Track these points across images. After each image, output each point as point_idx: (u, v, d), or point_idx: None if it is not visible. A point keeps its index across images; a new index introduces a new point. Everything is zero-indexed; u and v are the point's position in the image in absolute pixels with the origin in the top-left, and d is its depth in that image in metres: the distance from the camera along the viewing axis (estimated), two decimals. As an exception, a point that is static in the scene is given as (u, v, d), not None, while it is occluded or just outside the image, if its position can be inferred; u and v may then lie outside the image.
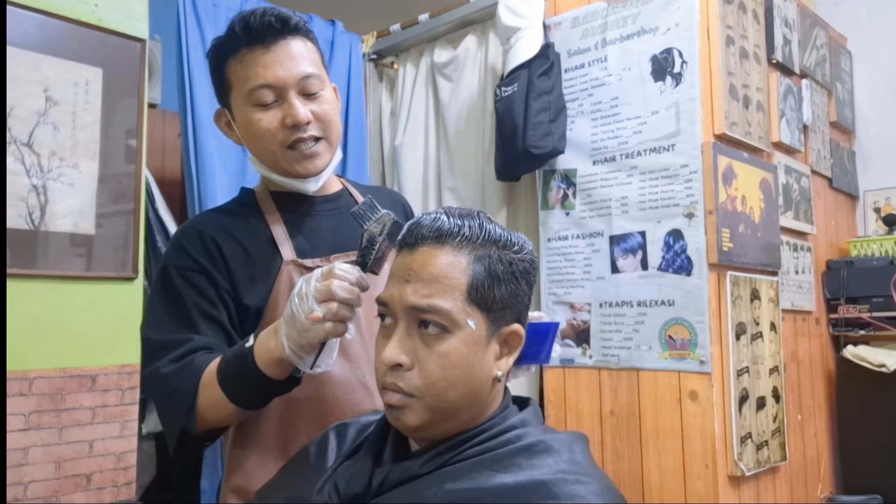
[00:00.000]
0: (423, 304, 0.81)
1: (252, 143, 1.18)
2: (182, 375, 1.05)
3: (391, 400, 0.82)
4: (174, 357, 1.07)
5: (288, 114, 1.13)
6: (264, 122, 1.14)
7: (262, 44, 1.13)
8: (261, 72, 1.12)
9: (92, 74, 1.97)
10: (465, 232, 0.84)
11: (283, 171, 1.18)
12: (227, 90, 1.18)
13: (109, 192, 1.99)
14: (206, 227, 1.17)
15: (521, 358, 1.04)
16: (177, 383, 1.05)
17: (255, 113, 1.14)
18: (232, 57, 1.15)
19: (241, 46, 1.14)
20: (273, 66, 1.13)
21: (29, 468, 1.77)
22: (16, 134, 1.82)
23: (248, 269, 1.15)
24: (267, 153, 1.16)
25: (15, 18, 1.83)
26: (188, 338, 1.09)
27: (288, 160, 1.16)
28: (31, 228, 1.84)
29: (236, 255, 1.15)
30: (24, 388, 1.78)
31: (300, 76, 1.14)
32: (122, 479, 1.94)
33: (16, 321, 1.76)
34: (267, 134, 1.14)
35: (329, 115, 1.17)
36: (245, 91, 1.14)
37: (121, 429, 1.95)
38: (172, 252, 1.16)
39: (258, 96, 1.13)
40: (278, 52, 1.13)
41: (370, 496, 0.83)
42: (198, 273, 1.12)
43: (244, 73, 1.14)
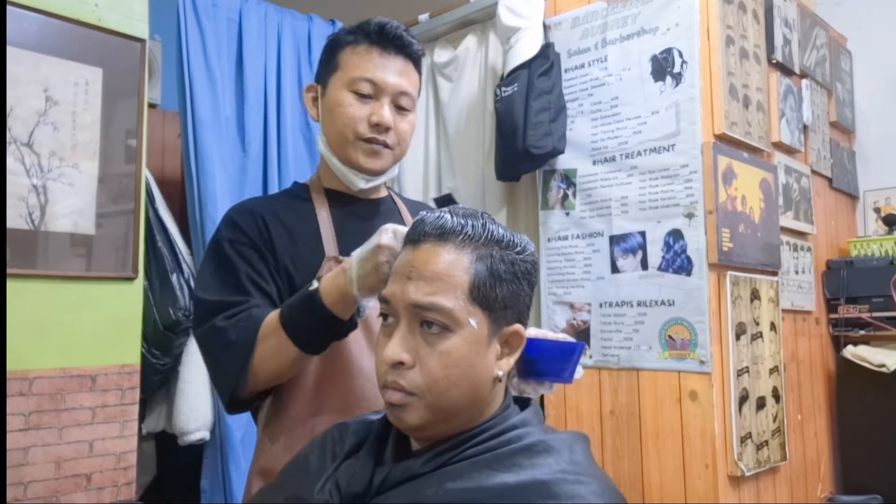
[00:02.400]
0: (425, 301, 0.81)
1: (331, 123, 1.26)
2: (239, 327, 1.11)
3: (392, 398, 0.83)
4: (229, 314, 1.13)
5: (376, 112, 1.23)
6: (353, 109, 1.23)
7: (383, 49, 1.26)
8: (371, 68, 1.24)
9: (92, 74, 1.97)
10: (467, 231, 0.84)
11: (345, 158, 1.26)
12: (332, 70, 1.27)
13: (109, 192, 1.99)
14: (258, 208, 1.24)
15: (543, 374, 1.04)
16: (233, 335, 1.11)
17: (351, 98, 1.24)
18: (351, 45, 1.26)
19: (365, 41, 1.26)
20: (383, 69, 1.25)
21: (29, 468, 1.77)
22: (16, 134, 1.82)
23: (293, 255, 1.21)
24: (341, 136, 1.25)
25: (15, 18, 1.83)
26: (243, 300, 1.14)
27: (356, 149, 1.25)
28: (31, 228, 1.84)
29: (283, 240, 1.21)
30: (24, 388, 1.78)
31: (399, 89, 1.26)
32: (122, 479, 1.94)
33: (16, 321, 1.76)
34: (351, 120, 1.23)
35: (406, 133, 1.29)
36: (349, 77, 1.24)
37: (121, 429, 1.95)
38: (225, 227, 1.23)
39: (359, 86, 1.23)
40: (394, 62, 1.26)
41: (371, 495, 0.83)
42: (249, 248, 1.19)
43: (357, 62, 1.25)
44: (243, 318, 1.12)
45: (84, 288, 1.91)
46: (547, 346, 1.11)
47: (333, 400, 1.16)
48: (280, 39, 2.59)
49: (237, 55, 2.49)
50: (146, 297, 2.17)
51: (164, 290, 2.25)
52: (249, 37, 2.50)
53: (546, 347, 1.11)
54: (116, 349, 1.96)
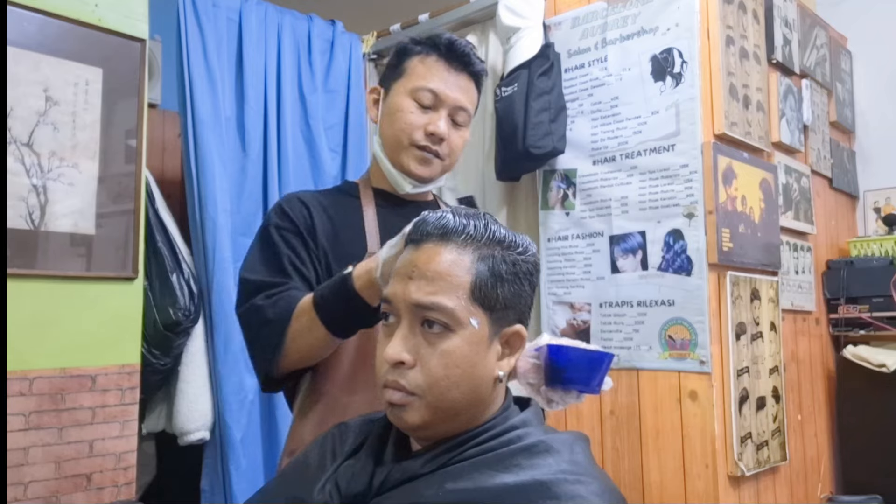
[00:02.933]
0: (427, 301, 0.81)
1: (390, 127, 1.32)
2: (277, 306, 1.18)
3: (392, 398, 0.82)
4: (269, 294, 1.20)
5: (433, 122, 1.30)
6: (413, 116, 1.30)
7: (449, 63, 1.32)
8: (435, 79, 1.30)
9: (92, 74, 1.97)
10: (469, 231, 0.84)
11: (397, 162, 1.33)
12: (397, 76, 1.34)
13: (109, 192, 1.99)
14: (307, 199, 1.32)
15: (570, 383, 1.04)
16: (271, 313, 1.17)
17: (411, 105, 1.30)
18: (420, 56, 1.32)
19: (434, 54, 1.32)
20: (446, 82, 1.31)
21: (29, 468, 1.77)
22: (16, 134, 1.82)
23: (334, 248, 1.28)
24: (396, 141, 1.31)
25: (15, 18, 1.83)
26: (283, 282, 1.21)
27: (409, 156, 1.31)
28: (31, 228, 1.84)
29: (326, 231, 1.28)
30: (24, 388, 1.78)
31: (459, 104, 1.32)
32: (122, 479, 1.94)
33: (16, 321, 1.76)
34: (409, 127, 1.30)
35: (458, 147, 1.35)
36: (413, 85, 1.30)
37: (121, 429, 1.95)
38: (274, 214, 1.30)
39: (421, 95, 1.30)
40: (457, 78, 1.32)
41: (371, 496, 0.83)
42: (294, 234, 1.26)
43: (422, 72, 1.31)
44: (282, 298, 1.18)
45: (84, 288, 1.91)
46: (575, 355, 1.11)
47: (368, 383, 1.19)
48: (280, 39, 2.59)
49: (237, 55, 2.49)
50: (146, 297, 2.16)
51: (164, 290, 2.24)
52: (249, 37, 2.49)
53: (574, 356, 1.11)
54: (116, 349, 1.96)
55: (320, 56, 2.70)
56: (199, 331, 2.31)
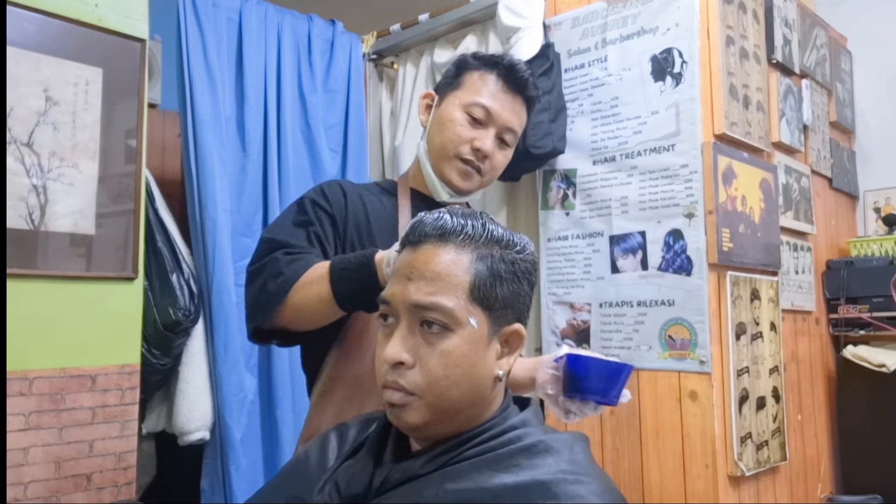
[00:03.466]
0: (426, 301, 0.81)
1: (438, 136, 1.36)
2: (293, 262, 1.20)
3: (392, 398, 0.83)
4: (289, 252, 1.23)
5: (480, 138, 1.33)
6: (462, 129, 1.33)
7: (507, 85, 1.35)
8: (490, 97, 1.34)
9: (92, 74, 1.97)
10: (468, 231, 0.84)
11: (439, 171, 1.36)
12: (454, 87, 1.37)
13: (109, 192, 1.99)
14: (346, 186, 1.35)
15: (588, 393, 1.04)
16: (286, 268, 1.20)
17: (462, 118, 1.34)
18: (479, 71, 1.36)
19: (494, 73, 1.35)
20: (502, 103, 1.34)
21: (29, 468, 1.77)
22: (16, 134, 1.82)
23: (362, 236, 1.31)
24: (442, 150, 1.35)
25: (15, 18, 1.83)
26: (305, 246, 1.25)
27: (451, 167, 1.35)
28: (31, 228, 1.84)
29: (359, 222, 1.31)
30: (24, 388, 1.78)
31: (508, 125, 1.35)
32: (122, 479, 1.94)
33: (16, 321, 1.76)
34: (456, 138, 1.33)
35: (500, 165, 1.39)
36: (469, 99, 1.34)
37: (121, 429, 1.95)
38: (314, 191, 1.34)
39: (474, 110, 1.33)
40: (512, 100, 1.36)
41: (371, 496, 0.83)
42: (326, 214, 1.30)
43: (479, 88, 1.34)
44: (300, 258, 1.21)
45: (84, 288, 1.91)
46: (594, 365, 1.11)
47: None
48: (280, 39, 2.59)
49: (237, 55, 2.49)
50: (146, 297, 2.17)
51: (164, 290, 2.24)
52: (249, 37, 2.49)
53: (593, 366, 1.11)
54: (116, 349, 1.96)
55: (320, 56, 2.70)
56: (199, 331, 2.31)
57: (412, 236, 0.86)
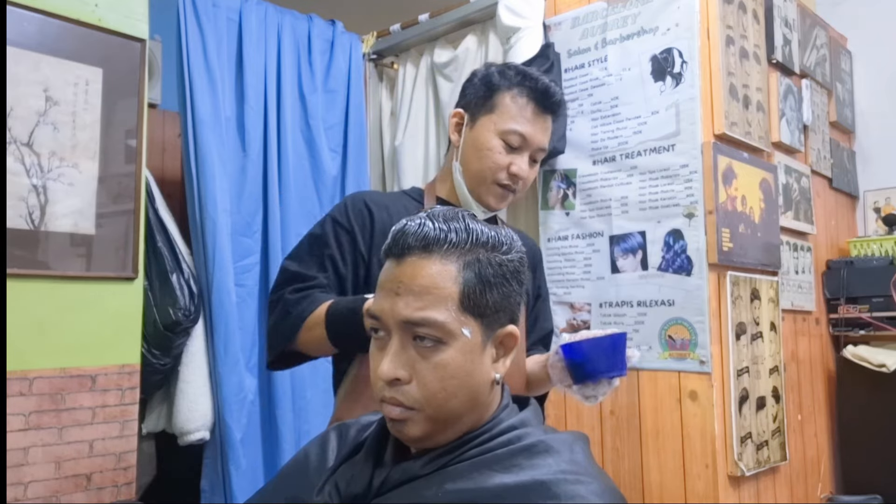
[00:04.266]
0: (417, 317, 0.79)
1: (475, 160, 1.36)
2: (300, 302, 1.27)
3: (392, 413, 0.82)
4: (298, 288, 1.30)
5: (516, 164, 1.34)
6: (499, 157, 1.34)
7: (540, 106, 1.35)
8: (526, 124, 1.34)
9: (92, 74, 1.97)
10: (451, 238, 0.81)
11: (476, 193, 1.38)
12: (487, 110, 1.36)
13: (109, 192, 1.99)
14: (370, 199, 1.38)
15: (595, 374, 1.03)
16: (294, 308, 1.27)
17: (499, 145, 1.34)
18: (512, 90, 1.35)
19: (525, 94, 1.34)
20: (534, 126, 1.35)
21: (29, 468, 1.77)
22: (16, 134, 1.82)
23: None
24: (480, 176, 1.36)
25: (15, 18, 1.83)
26: (314, 276, 1.31)
27: (489, 191, 1.37)
28: (31, 228, 1.84)
29: (383, 230, 1.32)
30: (24, 388, 1.78)
31: (541, 146, 1.37)
32: (122, 479, 1.94)
33: (16, 321, 1.76)
34: (494, 166, 1.34)
35: (531, 179, 1.40)
36: (505, 127, 1.34)
37: (121, 429, 1.95)
38: (338, 208, 1.38)
39: (512, 139, 1.34)
40: (544, 121, 1.37)
41: (371, 496, 0.83)
42: (346, 232, 1.33)
43: (514, 113, 1.34)
44: (306, 297, 1.27)
45: (84, 288, 1.91)
46: (589, 347, 1.10)
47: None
48: (280, 39, 2.59)
49: (237, 55, 2.49)
50: (146, 297, 2.16)
51: (164, 290, 2.24)
52: (249, 37, 2.49)
53: (588, 348, 1.10)
54: (116, 349, 1.96)
55: (320, 56, 2.70)
56: (199, 331, 2.31)
57: (395, 248, 0.83)
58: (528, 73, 1.37)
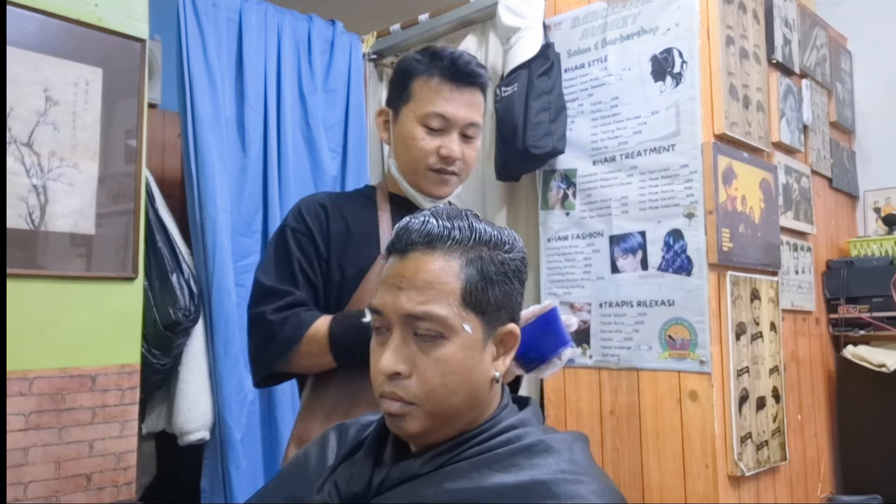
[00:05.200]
0: (419, 311, 0.80)
1: (404, 153, 1.35)
2: (286, 325, 1.25)
3: (391, 408, 0.82)
4: (279, 307, 1.27)
5: (446, 146, 1.32)
6: (424, 143, 1.32)
7: (456, 83, 1.31)
8: (444, 104, 1.31)
9: (92, 74, 1.97)
10: (455, 235, 0.83)
11: (415, 185, 1.36)
12: (405, 100, 1.35)
13: (109, 192, 1.99)
14: (324, 200, 1.37)
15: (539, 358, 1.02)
16: (279, 331, 1.25)
17: (422, 132, 1.32)
18: (423, 76, 1.32)
19: (437, 74, 1.31)
20: (454, 103, 1.31)
21: (29, 468, 1.77)
22: (16, 134, 1.82)
23: (345, 246, 1.33)
24: (412, 166, 1.35)
25: (15, 18, 1.83)
26: (290, 291, 1.29)
27: (426, 179, 1.35)
28: (31, 228, 1.84)
29: (339, 230, 1.33)
30: (24, 388, 1.78)
31: (469, 121, 1.33)
32: (122, 479, 1.94)
33: (16, 321, 1.76)
34: (422, 153, 1.32)
35: (471, 159, 1.37)
36: (422, 111, 1.31)
37: (121, 429, 1.95)
38: (292, 216, 1.36)
39: (431, 121, 1.31)
40: (464, 95, 1.33)
41: (370, 495, 0.83)
42: (306, 237, 1.32)
43: (429, 96, 1.31)
44: (291, 317, 1.26)
45: (84, 288, 1.91)
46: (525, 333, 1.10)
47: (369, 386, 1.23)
48: (280, 39, 2.59)
49: (237, 55, 2.49)
50: (146, 297, 2.17)
51: (164, 290, 2.24)
52: (249, 37, 2.49)
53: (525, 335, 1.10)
54: (116, 349, 1.96)
55: (320, 56, 2.70)
56: (199, 331, 2.31)
57: (399, 244, 0.84)
58: (437, 51, 1.34)
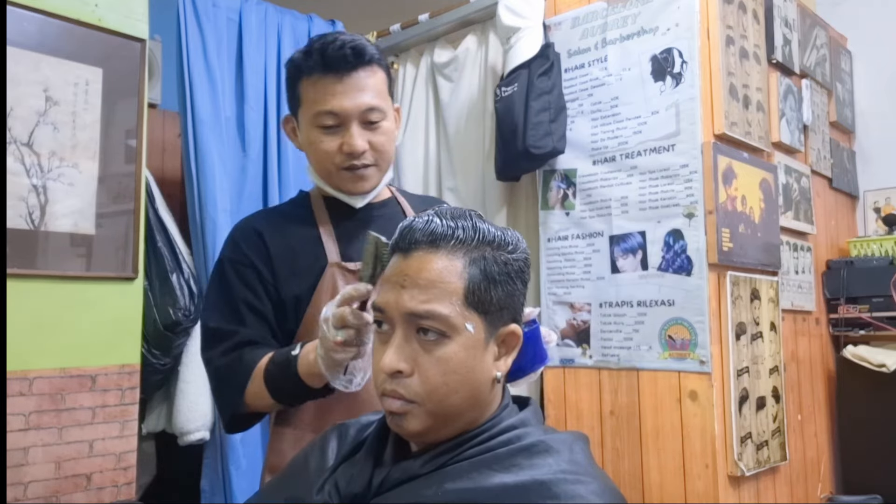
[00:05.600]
0: (421, 309, 0.80)
1: (311, 158, 1.29)
2: (231, 370, 1.20)
3: (392, 407, 0.82)
4: (225, 349, 1.22)
5: (346, 142, 1.23)
6: (325, 144, 1.24)
7: (334, 72, 1.22)
8: (329, 99, 1.22)
9: (92, 74, 1.97)
10: (458, 234, 0.83)
11: (335, 186, 1.29)
12: (298, 104, 1.28)
13: (109, 192, 1.99)
14: (258, 224, 1.29)
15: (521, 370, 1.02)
16: (227, 376, 1.21)
17: (318, 134, 1.24)
18: (306, 77, 1.24)
19: (316, 71, 1.23)
20: (340, 96, 1.22)
21: (29, 468, 1.77)
22: (16, 134, 1.82)
23: (291, 265, 1.25)
24: (323, 169, 1.28)
25: (15, 18, 1.83)
26: (235, 330, 1.22)
27: (341, 179, 1.27)
28: (31, 228, 1.84)
29: (281, 251, 1.26)
30: (24, 388, 1.78)
31: (364, 108, 1.23)
32: (122, 479, 1.94)
33: (16, 321, 1.76)
34: (326, 155, 1.25)
35: (384, 145, 1.27)
36: (312, 112, 1.24)
37: (121, 429, 1.95)
38: (228, 247, 1.29)
39: (322, 120, 1.23)
40: (349, 82, 1.22)
41: (370, 496, 0.83)
42: (247, 267, 1.25)
43: (314, 96, 1.23)
44: (234, 361, 1.20)
45: (84, 288, 1.91)
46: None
47: (341, 398, 1.19)
48: (280, 39, 2.59)
49: (237, 55, 2.49)
50: (146, 297, 2.17)
51: (164, 290, 2.25)
52: (249, 37, 2.49)
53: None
54: (116, 349, 1.96)
55: (320, 56, 2.70)
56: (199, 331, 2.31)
57: (402, 243, 0.85)
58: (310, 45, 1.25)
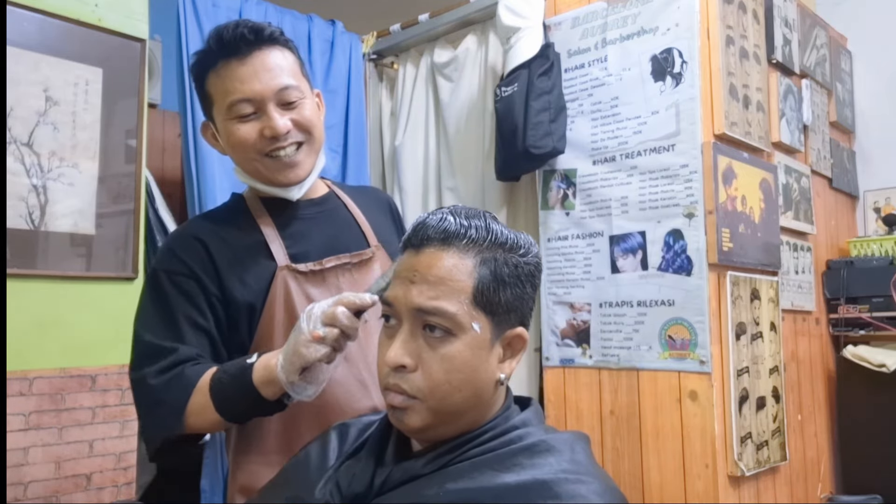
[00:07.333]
0: (429, 305, 0.80)
1: (234, 154, 1.20)
2: (170, 387, 1.07)
3: (394, 401, 0.82)
4: (161, 368, 1.09)
5: (266, 126, 1.14)
6: (242, 132, 1.15)
7: (237, 56, 1.14)
8: (238, 86, 1.13)
9: (92, 74, 1.97)
10: (471, 234, 0.83)
11: (266, 181, 1.20)
12: (210, 104, 1.19)
13: (109, 192, 1.99)
14: (197, 232, 1.18)
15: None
16: (164, 395, 1.07)
17: (236, 125, 1.15)
18: (211, 70, 1.16)
19: (219, 60, 1.15)
20: (250, 80, 1.13)
21: (29, 468, 1.77)
22: (16, 134, 1.82)
23: (238, 272, 1.16)
24: (248, 163, 1.18)
25: (15, 18, 1.83)
26: (174, 348, 1.10)
27: (269, 169, 1.17)
28: (31, 228, 1.84)
29: (225, 259, 1.16)
30: (24, 388, 1.78)
31: (277, 88, 1.14)
32: (122, 479, 1.94)
33: (16, 321, 1.76)
34: (245, 144, 1.15)
35: (310, 120, 1.18)
36: (225, 105, 1.15)
37: (121, 429, 1.95)
38: (163, 257, 1.18)
39: (237, 109, 1.14)
40: (254, 64, 1.14)
41: (372, 496, 0.83)
42: (187, 277, 1.14)
43: (223, 86, 1.15)
44: (174, 377, 1.07)
45: (84, 288, 1.91)
46: None
47: (306, 409, 1.11)
48: (280, 39, 2.59)
49: (237, 55, 2.49)
50: (145, 297, 2.16)
51: (164, 290, 2.24)
52: (249, 37, 2.49)
53: None
54: (116, 349, 1.96)
55: (320, 56, 2.70)
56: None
57: (415, 239, 0.85)
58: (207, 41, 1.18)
